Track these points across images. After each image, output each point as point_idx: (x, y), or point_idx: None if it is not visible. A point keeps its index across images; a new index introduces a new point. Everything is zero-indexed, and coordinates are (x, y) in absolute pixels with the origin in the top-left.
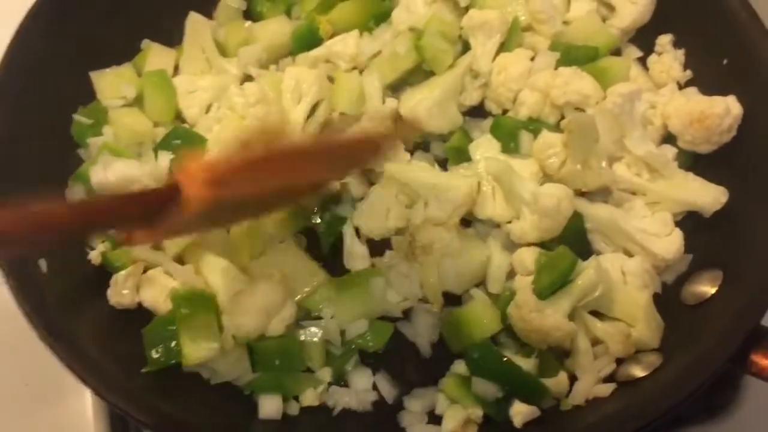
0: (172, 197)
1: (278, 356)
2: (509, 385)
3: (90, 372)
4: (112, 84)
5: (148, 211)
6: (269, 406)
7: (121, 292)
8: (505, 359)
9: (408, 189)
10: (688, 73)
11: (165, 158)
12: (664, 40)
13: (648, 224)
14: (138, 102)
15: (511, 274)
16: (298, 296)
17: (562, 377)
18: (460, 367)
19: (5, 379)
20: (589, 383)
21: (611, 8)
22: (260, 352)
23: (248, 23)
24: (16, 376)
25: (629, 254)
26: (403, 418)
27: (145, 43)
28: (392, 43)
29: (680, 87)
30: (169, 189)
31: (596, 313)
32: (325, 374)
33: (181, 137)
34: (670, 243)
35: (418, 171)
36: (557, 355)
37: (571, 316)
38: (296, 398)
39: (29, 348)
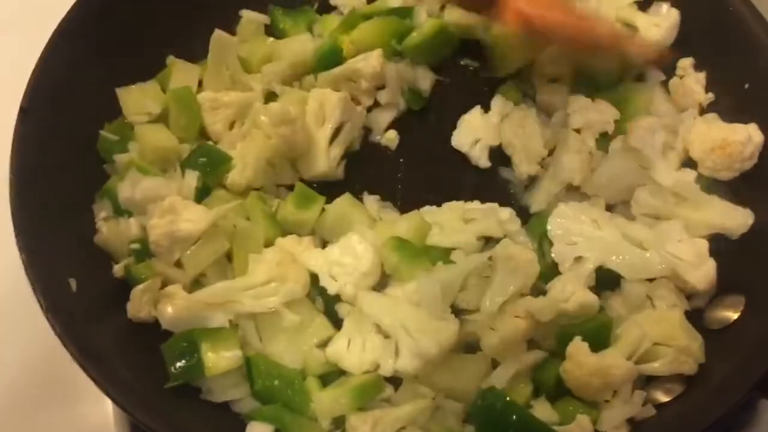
0: None
1: (277, 376)
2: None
3: (120, 391)
4: (137, 100)
5: None
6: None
7: (139, 306)
8: (508, 399)
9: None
10: (710, 96)
11: (192, 176)
12: (686, 63)
13: (682, 251)
14: (163, 118)
15: None
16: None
17: (584, 421)
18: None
19: (27, 385)
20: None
21: (635, 29)
22: (258, 364)
23: (271, 39)
24: (37, 383)
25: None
26: None
27: (170, 59)
28: None
29: (702, 110)
30: None
31: None
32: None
33: (206, 155)
34: (703, 274)
35: (391, 307)
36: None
37: None
38: None
39: (51, 354)
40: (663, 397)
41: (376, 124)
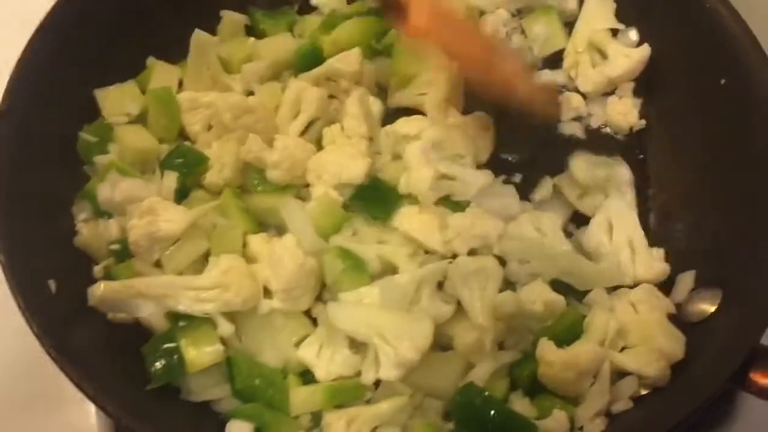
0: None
1: (258, 375)
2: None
3: (101, 393)
4: (116, 101)
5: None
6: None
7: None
8: (487, 394)
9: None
10: (643, 123)
11: (171, 177)
12: (627, 86)
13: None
14: (143, 119)
15: None
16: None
17: (560, 416)
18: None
19: (9, 389)
20: (597, 406)
21: (604, 55)
22: (238, 364)
23: (251, 40)
24: (19, 385)
25: None
26: None
27: (150, 60)
28: None
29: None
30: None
31: None
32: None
33: (182, 156)
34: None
35: (364, 316)
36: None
37: None
38: None
39: (33, 357)
40: (641, 390)
41: None
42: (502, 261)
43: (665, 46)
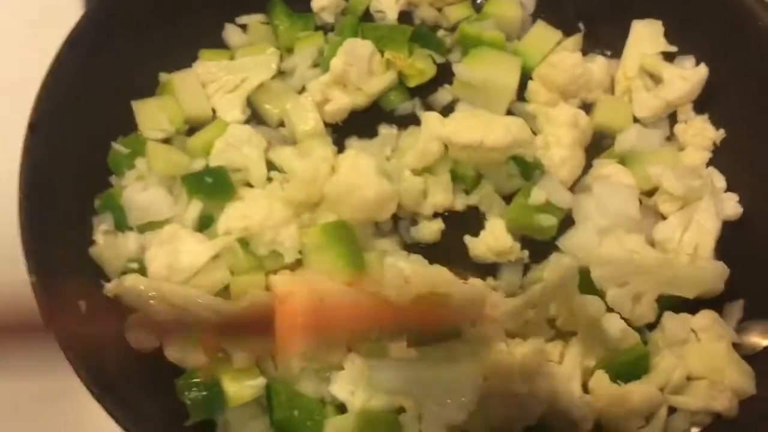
0: (266, 322)
1: (297, 407)
2: None
3: (139, 426)
4: (153, 115)
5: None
6: None
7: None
8: None
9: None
10: (722, 132)
11: (196, 208)
12: (686, 109)
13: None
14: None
15: None
16: None
17: None
18: None
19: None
20: None
21: (657, 80)
22: (278, 393)
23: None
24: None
25: None
26: None
27: (163, 76)
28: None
29: (715, 147)
30: (265, 314)
31: None
32: None
33: (214, 177)
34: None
35: (404, 372)
36: None
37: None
38: None
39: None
40: (694, 429)
41: None
42: None
43: (720, 65)
